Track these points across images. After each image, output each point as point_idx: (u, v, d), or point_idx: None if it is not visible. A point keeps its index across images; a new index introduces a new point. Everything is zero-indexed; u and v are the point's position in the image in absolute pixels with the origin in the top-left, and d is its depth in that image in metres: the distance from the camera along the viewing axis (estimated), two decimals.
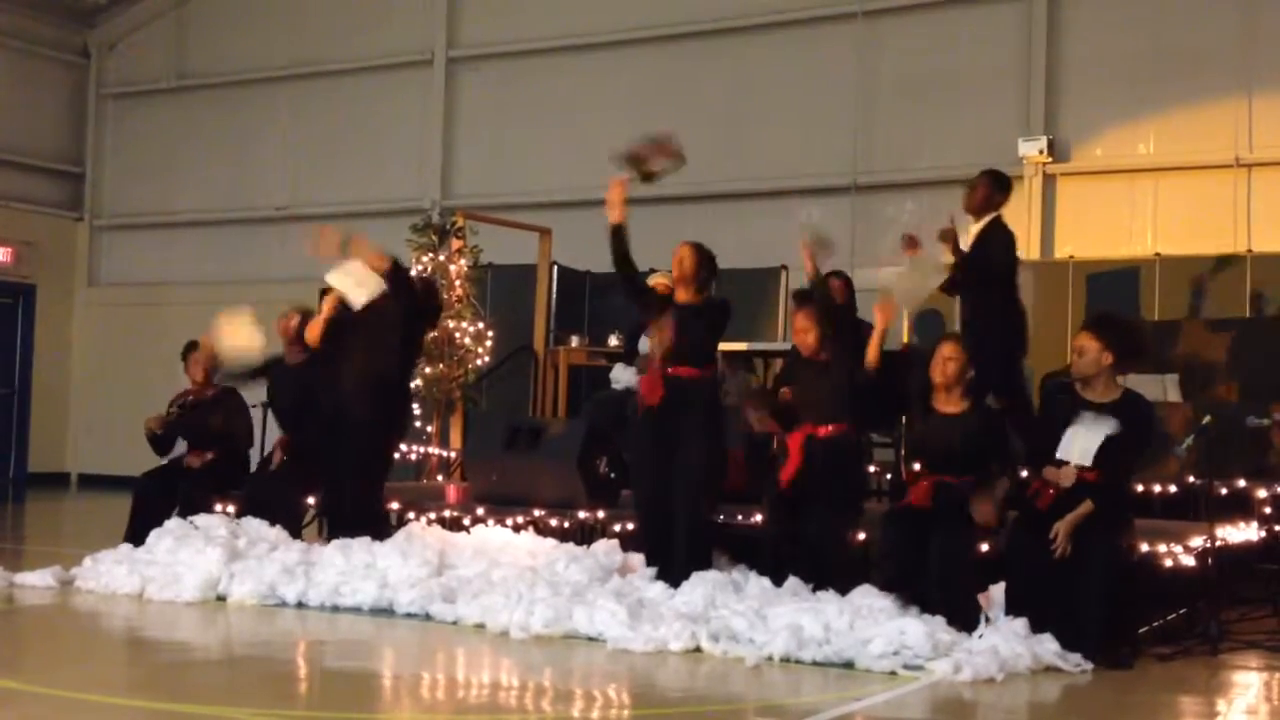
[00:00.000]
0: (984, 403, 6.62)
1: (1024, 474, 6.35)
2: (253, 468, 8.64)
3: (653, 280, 8.77)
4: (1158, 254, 10.75)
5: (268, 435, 8.89)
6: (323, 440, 7.71)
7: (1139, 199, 11.58)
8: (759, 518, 6.97)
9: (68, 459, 16.47)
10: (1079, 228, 11.72)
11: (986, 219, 7.72)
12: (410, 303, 7.73)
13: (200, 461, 8.39)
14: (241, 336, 8.21)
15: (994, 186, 7.79)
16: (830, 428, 6.71)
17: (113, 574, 7.39)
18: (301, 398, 8.06)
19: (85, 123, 16.76)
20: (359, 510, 7.59)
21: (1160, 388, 8.59)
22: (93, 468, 16.16)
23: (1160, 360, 8.64)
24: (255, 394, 8.72)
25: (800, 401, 6.86)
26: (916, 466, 6.52)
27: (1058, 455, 6.06)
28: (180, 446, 8.71)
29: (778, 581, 6.42)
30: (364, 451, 7.61)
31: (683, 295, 7.08)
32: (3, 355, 15.44)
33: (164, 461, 8.66)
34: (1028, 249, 11.49)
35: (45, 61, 16.38)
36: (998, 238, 7.70)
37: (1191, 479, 7.53)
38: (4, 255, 15.57)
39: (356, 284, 7.60)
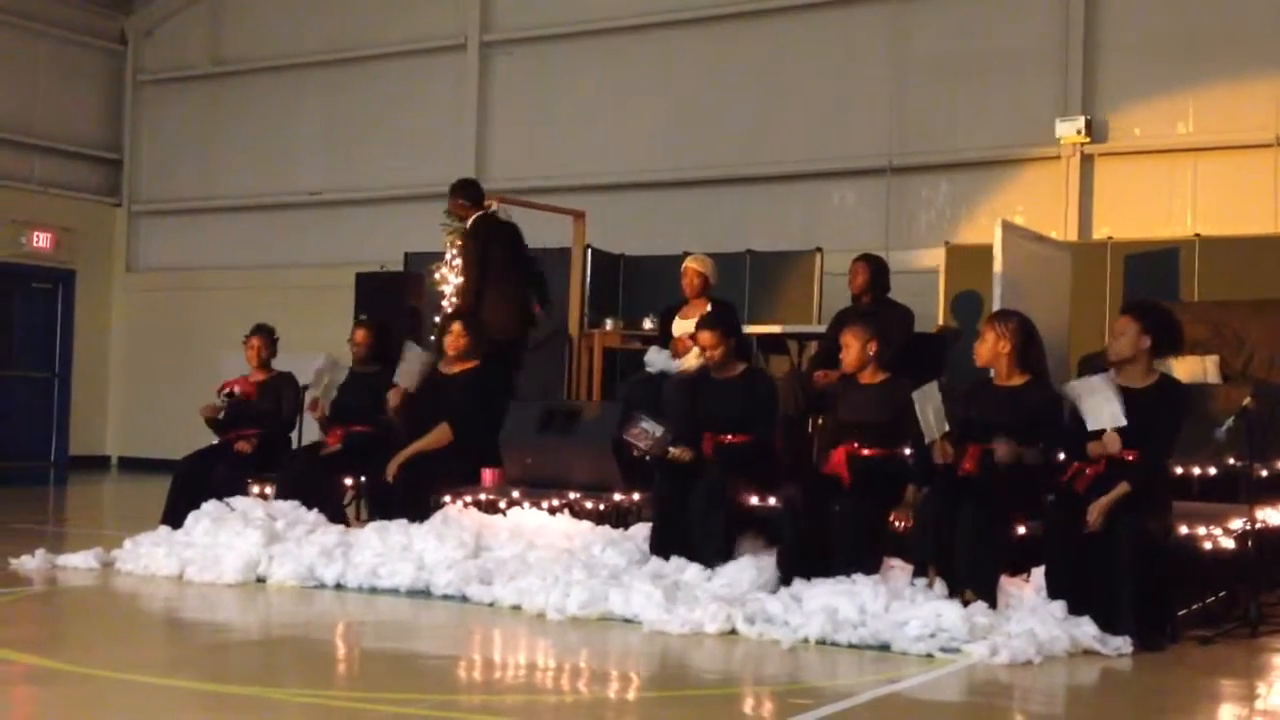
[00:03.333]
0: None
1: (1061, 457, 6.31)
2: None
3: (686, 264, 8.77)
4: (1197, 234, 10.64)
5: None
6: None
7: (1178, 179, 11.46)
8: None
9: (108, 442, 16.65)
10: (1117, 208, 11.61)
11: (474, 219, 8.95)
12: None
13: (250, 447, 8.53)
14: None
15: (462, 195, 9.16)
16: (876, 450, 6.74)
17: (152, 556, 7.46)
18: (362, 403, 8.37)
19: (123, 109, 16.88)
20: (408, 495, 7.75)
21: (1200, 369, 8.50)
22: (132, 451, 16.34)
23: (1200, 342, 8.54)
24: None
25: (846, 422, 6.87)
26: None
27: (1091, 429, 6.05)
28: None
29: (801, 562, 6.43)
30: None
31: (720, 372, 7.30)
32: (43, 340, 15.58)
33: (215, 442, 8.82)
34: (1065, 230, 11.42)
35: (83, 49, 16.49)
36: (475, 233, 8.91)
37: (1232, 461, 7.45)
38: (44, 241, 15.71)
39: (406, 372, 8.31)
